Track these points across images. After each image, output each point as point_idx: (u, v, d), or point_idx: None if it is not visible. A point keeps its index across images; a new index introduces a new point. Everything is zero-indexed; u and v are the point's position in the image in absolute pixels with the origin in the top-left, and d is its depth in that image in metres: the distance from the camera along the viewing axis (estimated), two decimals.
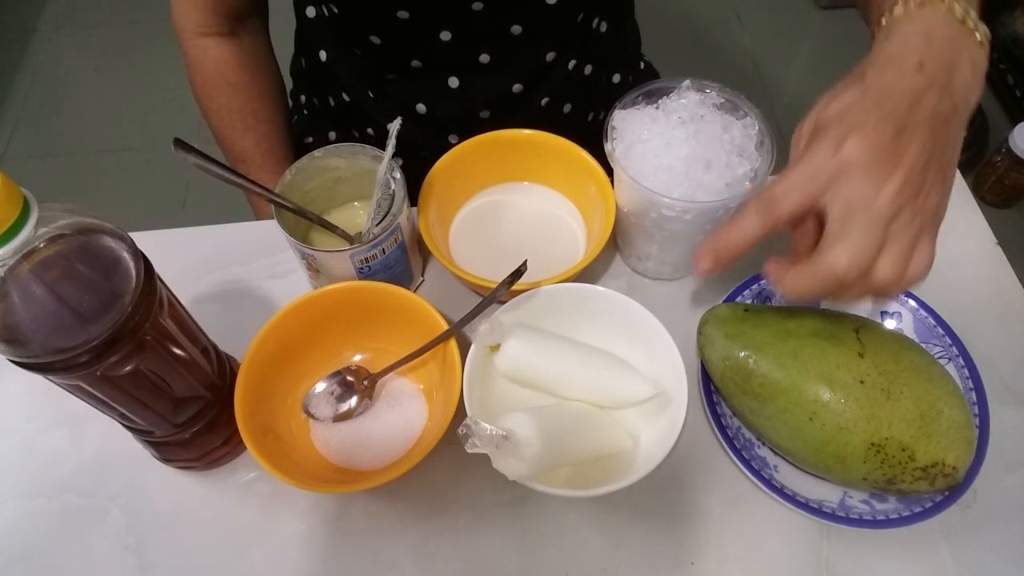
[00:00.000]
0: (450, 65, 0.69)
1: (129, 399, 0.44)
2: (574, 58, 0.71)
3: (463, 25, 0.64)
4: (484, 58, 0.68)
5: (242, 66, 0.74)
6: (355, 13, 0.65)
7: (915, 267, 0.40)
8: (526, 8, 0.64)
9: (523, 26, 0.65)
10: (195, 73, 0.74)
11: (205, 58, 0.73)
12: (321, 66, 0.74)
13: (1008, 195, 1.57)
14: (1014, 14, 1.72)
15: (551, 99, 0.72)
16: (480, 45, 0.67)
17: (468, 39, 0.66)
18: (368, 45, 0.67)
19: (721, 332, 0.52)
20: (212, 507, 0.53)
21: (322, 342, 0.55)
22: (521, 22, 0.65)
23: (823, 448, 0.47)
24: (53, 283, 0.37)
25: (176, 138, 0.49)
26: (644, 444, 0.50)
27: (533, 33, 0.66)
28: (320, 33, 0.73)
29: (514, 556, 0.50)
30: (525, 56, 0.68)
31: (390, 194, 0.55)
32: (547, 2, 0.63)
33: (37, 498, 0.53)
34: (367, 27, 0.66)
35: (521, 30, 0.66)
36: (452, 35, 0.65)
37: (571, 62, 0.71)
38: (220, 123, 0.75)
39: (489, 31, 0.66)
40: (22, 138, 1.80)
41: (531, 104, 0.72)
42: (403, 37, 0.66)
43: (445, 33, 0.65)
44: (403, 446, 0.53)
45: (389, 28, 0.65)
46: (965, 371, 0.54)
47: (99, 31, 1.99)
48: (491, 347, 0.51)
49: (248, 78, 0.74)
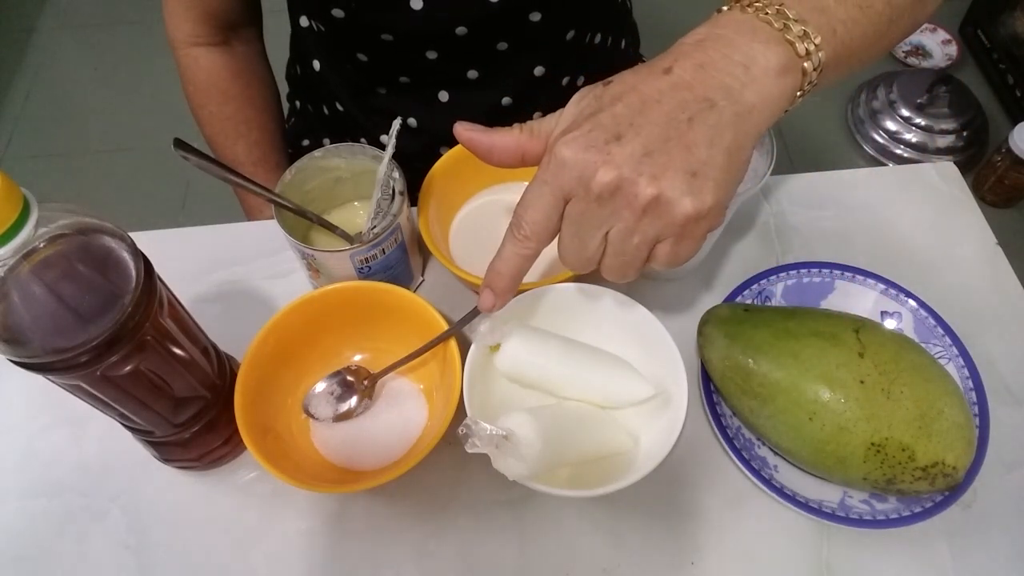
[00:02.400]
0: (438, 82, 0.69)
1: (129, 399, 0.44)
2: (567, 73, 0.71)
3: (448, 45, 0.65)
4: (472, 74, 0.68)
5: (234, 75, 0.74)
6: (341, 33, 0.66)
7: (656, 264, 0.40)
8: (511, 27, 0.64)
9: (509, 42, 0.65)
10: (187, 82, 0.74)
11: (197, 67, 0.73)
12: (315, 75, 0.74)
13: (1008, 195, 1.57)
14: (1014, 14, 1.71)
15: (545, 113, 0.72)
16: (467, 63, 0.67)
17: (454, 57, 0.66)
18: (356, 61, 0.68)
19: (721, 332, 0.52)
20: (212, 507, 0.53)
21: (322, 342, 0.55)
22: (507, 39, 0.65)
23: (823, 448, 0.47)
24: (53, 283, 0.37)
25: (176, 138, 0.49)
26: (644, 444, 0.50)
27: (520, 49, 0.66)
28: (313, 44, 0.73)
29: (514, 556, 0.50)
30: (514, 71, 0.69)
31: (390, 194, 0.55)
32: (531, 20, 0.63)
33: (37, 498, 0.53)
34: (353, 46, 0.66)
35: (507, 46, 0.66)
36: (438, 54, 0.65)
37: (565, 78, 0.71)
38: (212, 131, 0.75)
39: (475, 49, 0.66)
40: (22, 138, 1.80)
41: (523, 117, 0.72)
42: (389, 56, 0.67)
43: (431, 52, 0.65)
44: (403, 446, 0.53)
45: (375, 48, 0.65)
46: (965, 371, 0.54)
47: (99, 31, 1.99)
48: (491, 347, 0.51)
49: (240, 87, 0.75)
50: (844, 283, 0.59)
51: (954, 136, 1.65)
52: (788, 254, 0.64)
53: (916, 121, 1.65)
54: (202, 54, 0.73)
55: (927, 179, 0.69)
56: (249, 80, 0.76)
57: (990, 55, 1.79)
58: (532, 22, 0.64)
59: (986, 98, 1.76)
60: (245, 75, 0.76)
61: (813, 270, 0.59)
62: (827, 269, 0.59)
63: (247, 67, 0.76)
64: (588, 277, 0.61)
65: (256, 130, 0.76)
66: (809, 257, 0.62)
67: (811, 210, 0.67)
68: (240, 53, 0.75)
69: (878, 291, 0.58)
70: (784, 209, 0.67)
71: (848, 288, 0.59)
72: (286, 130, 0.86)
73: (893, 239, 0.65)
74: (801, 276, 0.59)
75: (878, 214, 0.66)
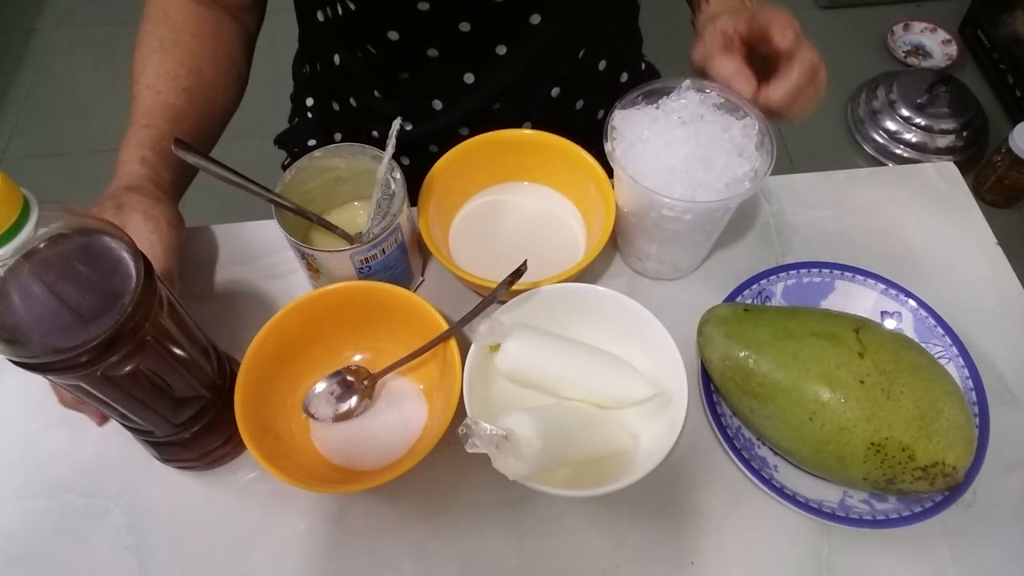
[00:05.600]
0: (466, 59, 0.68)
1: (129, 399, 0.44)
2: (588, 52, 0.71)
3: (483, 15, 0.64)
4: (501, 50, 0.67)
5: (205, 31, 0.66)
6: (373, 9, 0.64)
7: None
8: None
9: (542, 15, 0.65)
10: (148, 19, 0.66)
11: (169, 4, 0.66)
12: (332, 70, 0.73)
13: (1008, 195, 1.57)
14: (1014, 14, 1.72)
15: (562, 91, 0.72)
16: (498, 36, 0.66)
17: (487, 30, 0.65)
18: (384, 41, 0.66)
19: (721, 332, 0.52)
20: (212, 507, 0.53)
21: (322, 342, 0.55)
22: (540, 11, 0.64)
23: (823, 448, 0.47)
24: (53, 283, 0.37)
25: (176, 138, 0.49)
26: (644, 444, 0.50)
27: (551, 22, 0.66)
28: (331, 36, 0.71)
29: (514, 556, 0.50)
30: (541, 47, 0.68)
31: (390, 194, 0.55)
32: None
33: (37, 498, 0.53)
34: (385, 22, 0.65)
35: (540, 19, 0.65)
36: (471, 26, 0.64)
37: (582, 51, 0.70)
38: (143, 63, 0.65)
39: (508, 21, 0.65)
40: (22, 138, 1.80)
41: (543, 95, 0.71)
42: (421, 30, 0.65)
43: (464, 24, 0.64)
44: (403, 446, 0.53)
45: (408, 21, 0.64)
46: (965, 371, 0.54)
47: (99, 31, 1.99)
48: (491, 347, 0.51)
49: (204, 47, 0.65)
50: (844, 283, 0.59)
51: (954, 136, 1.65)
52: (788, 254, 0.64)
53: (916, 121, 1.65)
54: (181, 1, 0.65)
55: (927, 179, 0.69)
56: (215, 50, 0.66)
57: (990, 55, 1.79)
58: None
59: (986, 98, 1.76)
60: (218, 39, 0.66)
61: (813, 270, 0.59)
62: (827, 269, 0.59)
63: (220, 31, 0.67)
64: (588, 277, 0.61)
65: (184, 92, 0.63)
66: (809, 257, 0.62)
67: (811, 210, 0.67)
68: (223, 21, 0.67)
69: (878, 291, 0.58)
70: (784, 209, 0.67)
71: (848, 288, 0.59)
72: (288, 130, 0.86)
73: (893, 239, 0.65)
74: (801, 276, 0.59)
75: (878, 214, 0.66)
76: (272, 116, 0.96)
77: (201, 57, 0.65)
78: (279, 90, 0.90)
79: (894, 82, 1.70)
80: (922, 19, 1.91)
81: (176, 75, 0.63)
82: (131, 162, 0.58)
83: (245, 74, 0.72)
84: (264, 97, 1.03)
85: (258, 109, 0.99)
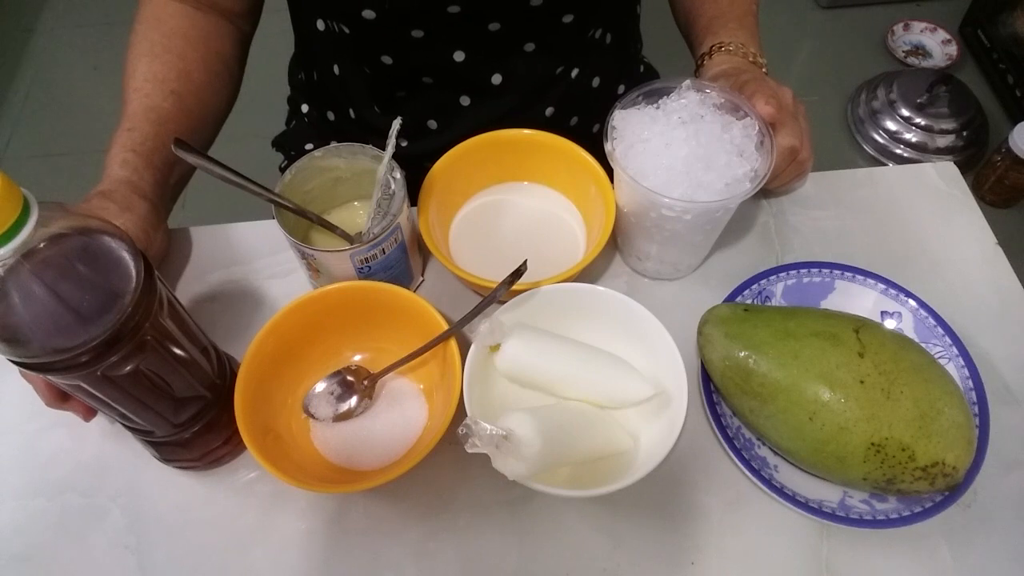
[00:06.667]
0: (461, 85, 0.68)
1: (129, 399, 0.44)
2: (582, 72, 0.71)
3: (477, 45, 0.64)
4: (496, 79, 0.67)
5: (199, 35, 0.65)
6: (367, 33, 0.64)
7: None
8: (541, 26, 0.64)
9: (536, 43, 0.65)
10: (139, 23, 0.65)
11: (163, 10, 0.65)
12: (334, 79, 0.72)
13: (1008, 195, 1.57)
14: (1014, 14, 1.71)
15: (556, 111, 0.72)
16: (493, 65, 0.66)
17: (481, 59, 0.65)
18: (378, 65, 0.66)
19: (721, 332, 0.52)
20: (212, 507, 0.53)
21: (322, 342, 0.55)
22: (535, 39, 0.65)
23: (823, 448, 0.47)
24: (53, 283, 0.37)
25: (176, 138, 0.49)
26: (644, 444, 0.50)
27: (546, 49, 0.66)
28: (332, 48, 0.71)
29: (514, 556, 0.50)
30: (536, 72, 0.68)
31: (390, 194, 0.55)
32: (563, 21, 0.63)
33: (37, 498, 0.53)
34: (378, 47, 0.65)
35: (534, 47, 0.65)
36: (466, 55, 0.64)
37: (574, 71, 0.71)
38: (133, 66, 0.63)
39: (502, 50, 0.65)
40: (22, 138, 1.80)
41: (537, 115, 0.72)
42: (415, 57, 0.65)
43: (459, 53, 0.64)
44: (403, 446, 0.53)
45: (401, 48, 0.64)
46: (965, 371, 0.54)
47: (98, 31, 1.99)
48: (491, 347, 0.51)
49: (196, 50, 0.64)
50: (844, 283, 0.59)
51: (954, 136, 1.65)
52: (788, 254, 0.64)
53: (916, 121, 1.65)
54: (174, 5, 0.64)
55: (927, 179, 0.69)
56: (206, 52, 0.65)
57: (990, 55, 1.79)
58: (564, 23, 0.63)
59: (986, 98, 1.76)
60: (210, 41, 0.65)
61: (813, 270, 0.59)
62: (827, 269, 0.59)
63: (213, 34, 0.66)
64: (588, 277, 0.61)
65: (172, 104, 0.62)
66: (809, 257, 0.62)
67: (811, 210, 0.67)
68: (215, 23, 0.66)
69: (878, 291, 0.58)
70: (784, 209, 0.67)
71: (848, 288, 0.59)
72: (285, 132, 0.85)
73: (893, 239, 0.65)
74: (801, 276, 0.59)
75: (878, 214, 0.66)
76: (272, 116, 0.95)
77: (191, 59, 0.64)
78: (279, 90, 0.90)
79: (894, 82, 1.70)
80: (922, 19, 1.91)
81: (164, 78, 0.62)
82: (112, 165, 0.58)
83: (239, 76, 0.71)
84: (264, 98, 1.03)
85: (258, 109, 1.00)
